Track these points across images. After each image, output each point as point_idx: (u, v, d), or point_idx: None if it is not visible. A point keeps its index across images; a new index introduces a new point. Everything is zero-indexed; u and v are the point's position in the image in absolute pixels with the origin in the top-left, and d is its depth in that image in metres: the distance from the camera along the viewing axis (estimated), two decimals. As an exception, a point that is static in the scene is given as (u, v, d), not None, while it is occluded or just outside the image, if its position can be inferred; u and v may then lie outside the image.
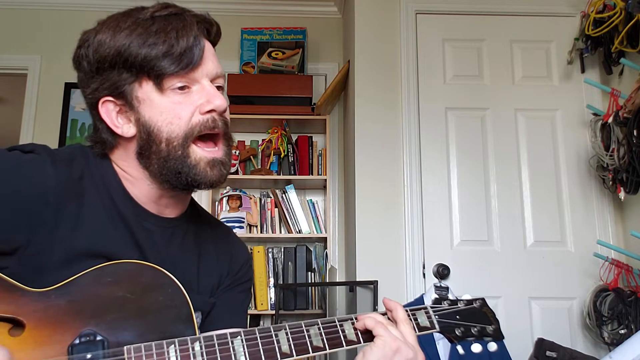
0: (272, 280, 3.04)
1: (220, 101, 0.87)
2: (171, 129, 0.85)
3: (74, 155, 0.88)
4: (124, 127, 0.88)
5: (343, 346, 0.85)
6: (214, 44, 0.93)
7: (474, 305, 0.98)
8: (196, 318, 0.86)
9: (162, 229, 0.93)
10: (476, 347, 0.94)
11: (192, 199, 1.02)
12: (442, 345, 2.09)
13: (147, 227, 0.91)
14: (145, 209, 0.91)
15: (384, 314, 0.90)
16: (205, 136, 0.89)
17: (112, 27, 0.86)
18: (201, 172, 0.87)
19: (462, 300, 0.98)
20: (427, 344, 2.00)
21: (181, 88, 0.86)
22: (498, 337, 0.96)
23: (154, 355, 0.76)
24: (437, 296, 0.98)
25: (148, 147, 0.86)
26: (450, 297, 0.98)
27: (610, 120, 2.22)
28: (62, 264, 0.81)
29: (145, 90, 0.86)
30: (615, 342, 2.15)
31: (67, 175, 0.84)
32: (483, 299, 1.00)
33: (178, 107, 0.86)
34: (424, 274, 2.48)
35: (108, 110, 0.88)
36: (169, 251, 0.93)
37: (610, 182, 2.30)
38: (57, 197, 0.81)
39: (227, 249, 1.06)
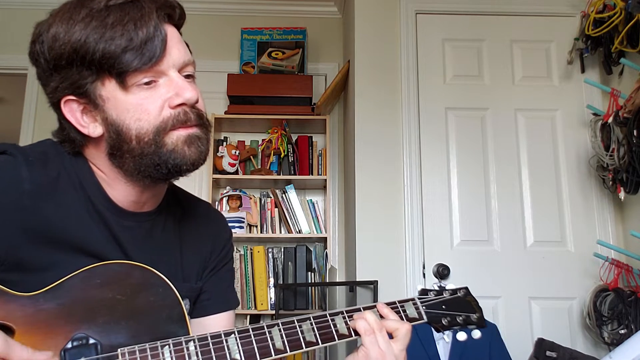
0: (272, 280, 3.04)
1: (190, 93, 0.81)
2: (140, 125, 0.80)
3: (47, 153, 0.85)
4: (90, 126, 0.83)
5: (335, 340, 0.86)
6: (179, 27, 0.86)
7: (459, 294, 1.01)
8: (185, 305, 0.85)
9: (141, 224, 0.91)
10: (461, 336, 0.97)
11: (170, 182, 0.96)
12: (442, 345, 2.08)
13: (126, 225, 0.88)
14: (123, 209, 0.88)
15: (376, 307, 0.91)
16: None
17: (66, 19, 0.79)
18: (179, 155, 0.82)
19: (447, 290, 1.01)
20: (427, 344, 1.99)
21: (147, 83, 0.80)
22: (482, 324, 0.98)
23: (149, 357, 0.76)
24: (423, 287, 1.00)
25: (119, 146, 0.81)
26: (435, 287, 1.01)
27: (610, 120, 2.21)
28: (48, 265, 0.79)
29: (108, 89, 0.80)
30: (615, 342, 2.15)
31: (43, 176, 0.81)
32: (466, 288, 1.02)
33: (145, 102, 0.80)
34: (424, 274, 2.48)
35: (72, 109, 0.83)
36: (151, 245, 0.91)
37: (610, 182, 2.30)
38: (34, 199, 0.79)
39: (210, 228, 1.04)
